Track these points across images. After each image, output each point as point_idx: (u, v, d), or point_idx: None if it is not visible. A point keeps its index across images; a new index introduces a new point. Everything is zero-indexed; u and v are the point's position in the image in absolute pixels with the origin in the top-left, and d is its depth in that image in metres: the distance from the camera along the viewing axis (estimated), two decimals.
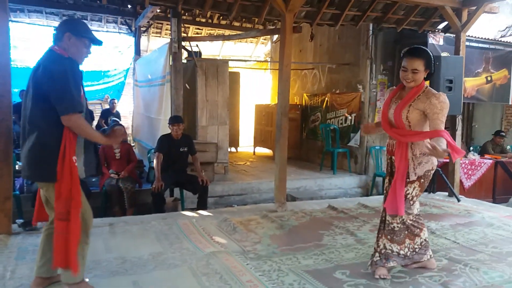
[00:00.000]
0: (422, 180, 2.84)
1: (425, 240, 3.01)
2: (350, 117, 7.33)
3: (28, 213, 4.61)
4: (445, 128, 7.30)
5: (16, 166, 5.21)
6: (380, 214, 3.06)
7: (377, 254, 2.95)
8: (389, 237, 2.92)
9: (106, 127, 7.99)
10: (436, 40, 6.53)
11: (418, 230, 2.97)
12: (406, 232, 2.93)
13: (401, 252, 2.93)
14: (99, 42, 2.64)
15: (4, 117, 3.64)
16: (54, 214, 2.41)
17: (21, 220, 3.91)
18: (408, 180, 2.81)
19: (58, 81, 2.34)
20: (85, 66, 10.47)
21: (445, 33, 6.57)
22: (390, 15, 6.23)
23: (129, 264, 3.07)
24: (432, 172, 2.88)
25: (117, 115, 9.21)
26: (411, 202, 2.87)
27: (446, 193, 5.79)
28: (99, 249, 3.38)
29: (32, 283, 2.60)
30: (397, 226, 2.90)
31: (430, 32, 6.50)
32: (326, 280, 2.84)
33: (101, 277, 2.85)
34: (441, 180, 5.71)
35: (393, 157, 2.94)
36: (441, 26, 6.59)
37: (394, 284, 2.81)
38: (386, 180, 3.04)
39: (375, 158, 6.88)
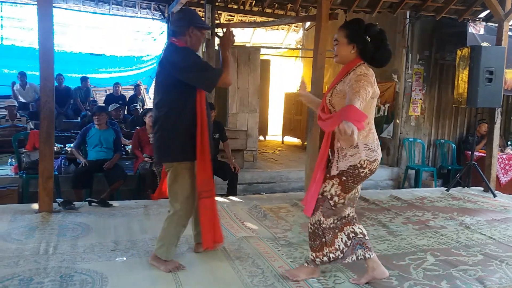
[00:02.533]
0: (344, 178, 2.37)
1: (348, 246, 2.52)
2: (383, 107, 7.20)
3: (66, 193, 4.81)
4: (482, 121, 7.07)
5: (55, 148, 5.42)
6: (411, 207, 2.95)
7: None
8: (309, 242, 2.57)
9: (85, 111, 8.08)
10: (476, 29, 6.31)
11: (332, 235, 2.48)
12: (323, 239, 2.47)
13: (317, 260, 2.53)
14: (209, 28, 2.81)
15: (47, 99, 3.77)
16: (198, 193, 2.64)
17: (61, 199, 4.06)
18: (328, 175, 2.44)
19: (190, 65, 2.51)
20: (119, 51, 10.75)
21: (486, 22, 6.33)
22: (430, 3, 6.03)
23: None
24: (363, 171, 2.37)
25: (123, 98, 9.29)
26: (331, 203, 2.42)
27: (482, 188, 5.64)
28: (135, 230, 3.49)
29: (195, 246, 3.01)
30: (311, 228, 2.51)
31: (470, 21, 6.27)
32: (357, 270, 2.83)
33: (137, 256, 2.94)
34: (476, 175, 5.56)
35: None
36: (482, 14, 6.34)
37: (428, 276, 2.78)
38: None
39: (408, 150, 6.76)
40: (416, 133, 7.02)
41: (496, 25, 5.70)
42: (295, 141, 9.53)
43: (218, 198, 4.75)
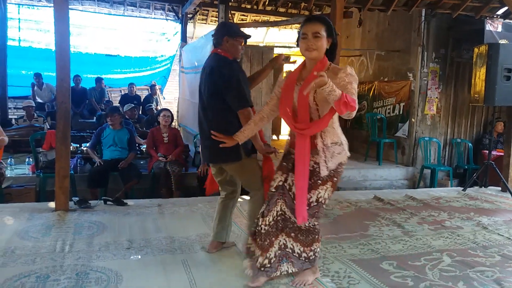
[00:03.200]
0: (336, 179, 2.37)
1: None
2: (398, 106, 7.12)
3: (81, 192, 4.87)
4: (498, 119, 6.93)
5: (71, 148, 5.49)
6: (426, 207, 2.91)
7: (266, 261, 2.43)
8: (293, 234, 2.47)
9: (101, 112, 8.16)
10: (494, 26, 6.19)
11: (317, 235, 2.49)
12: (316, 236, 2.48)
13: (303, 254, 2.49)
14: (248, 37, 2.97)
15: (63, 100, 3.82)
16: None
17: (77, 198, 4.12)
18: (320, 178, 2.33)
19: (231, 83, 2.72)
20: (134, 52, 10.87)
21: (504, 19, 6.21)
22: (446, 0, 5.95)
23: (178, 243, 3.17)
24: (343, 167, 2.40)
25: (138, 99, 9.37)
26: (324, 207, 2.42)
27: (499, 188, 5.54)
28: (150, 228, 3.52)
29: (209, 246, 3.04)
30: (305, 227, 2.45)
31: (487, 18, 6.16)
32: (372, 270, 2.81)
33: (151, 254, 2.96)
34: (493, 174, 5.46)
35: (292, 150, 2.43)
36: (500, 11, 6.22)
37: (444, 277, 2.74)
38: (281, 178, 2.46)
39: (424, 150, 6.67)
40: (432, 132, 6.92)
41: None
42: None
43: None
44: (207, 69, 2.84)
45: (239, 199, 4.62)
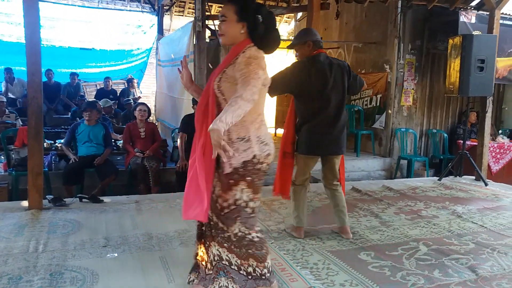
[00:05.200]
0: (249, 179, 2.08)
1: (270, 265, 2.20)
2: (375, 98, 7.19)
3: (56, 189, 4.76)
4: (472, 110, 7.08)
5: (44, 144, 5.36)
6: (403, 197, 2.91)
7: (208, 265, 2.26)
8: (226, 244, 2.16)
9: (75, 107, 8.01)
10: (468, 18, 6.28)
11: (263, 255, 2.15)
12: (249, 251, 2.13)
13: (242, 268, 2.14)
14: None
15: (35, 95, 3.71)
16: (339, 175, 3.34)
17: (51, 196, 4.02)
18: (229, 178, 2.08)
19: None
20: (109, 45, 10.64)
21: (478, 11, 6.31)
22: None
23: (156, 240, 3.14)
24: (260, 167, 2.11)
25: (114, 93, 9.24)
26: (248, 210, 2.11)
27: (473, 177, 5.66)
28: (127, 225, 3.46)
29: (300, 233, 3.27)
30: (233, 238, 2.13)
31: (462, 9, 6.25)
32: (350, 261, 2.84)
33: (129, 252, 2.92)
34: (468, 164, 5.58)
35: None
36: (474, 3, 6.31)
37: (420, 266, 2.78)
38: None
39: (400, 141, 6.76)
40: (408, 123, 7.02)
41: (488, 13, 5.69)
42: None
43: None
44: (340, 66, 3.20)
45: None
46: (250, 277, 2.14)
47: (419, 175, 6.67)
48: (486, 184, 5.32)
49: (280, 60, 12.12)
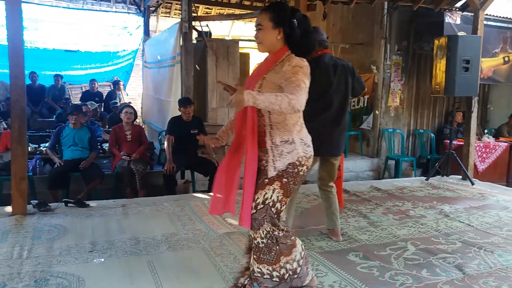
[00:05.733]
0: (285, 180, 2.12)
1: (302, 258, 2.30)
2: (362, 99, 7.22)
3: (41, 194, 4.67)
4: (458, 110, 7.18)
5: (29, 148, 5.26)
6: (391, 197, 2.93)
7: (243, 280, 2.33)
8: (255, 256, 2.22)
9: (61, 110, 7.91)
10: (453, 19, 6.35)
11: (291, 245, 2.23)
12: (277, 247, 2.18)
13: (274, 273, 2.20)
14: None
15: (18, 98, 3.64)
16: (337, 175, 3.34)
17: (36, 201, 3.94)
18: (265, 179, 2.13)
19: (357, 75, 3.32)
20: (94, 47, 10.52)
21: (462, 12, 6.38)
22: None
23: (143, 244, 3.09)
24: (302, 169, 2.16)
25: (99, 95, 9.14)
26: (273, 210, 2.14)
27: (460, 176, 5.72)
28: (113, 230, 3.41)
29: (332, 234, 3.29)
30: (262, 242, 2.17)
31: (447, 10, 6.32)
32: (339, 262, 2.83)
33: (115, 256, 2.87)
34: (454, 163, 5.64)
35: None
36: (458, 4, 6.38)
37: (408, 266, 2.79)
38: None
39: (388, 141, 6.81)
40: (396, 123, 7.07)
41: (472, 14, 5.76)
42: None
43: (199, 195, 4.71)
44: (344, 67, 3.17)
45: (206, 196, 4.61)
46: (283, 280, 2.21)
47: (406, 175, 6.72)
48: (472, 183, 5.37)
49: None
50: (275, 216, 2.16)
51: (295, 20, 2.14)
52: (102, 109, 8.45)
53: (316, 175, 3.44)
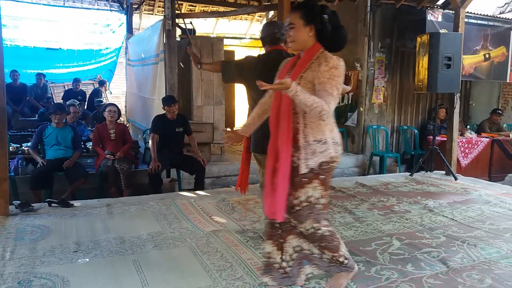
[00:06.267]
0: (322, 177, 2.21)
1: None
2: (347, 96, 7.27)
3: (23, 194, 4.59)
4: (441, 106, 7.29)
5: (10, 148, 5.16)
6: (376, 193, 2.93)
7: (284, 264, 2.33)
8: (315, 243, 2.31)
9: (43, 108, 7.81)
10: (434, 16, 6.44)
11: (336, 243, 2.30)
12: (334, 238, 2.31)
13: (340, 259, 2.31)
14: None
15: None
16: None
17: (18, 202, 3.87)
18: (303, 178, 2.20)
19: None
20: (77, 45, 10.35)
21: (444, 10, 6.48)
22: None
23: (129, 244, 3.06)
24: (333, 165, 2.24)
25: (82, 94, 9.04)
26: (318, 206, 2.23)
27: (443, 172, 5.81)
28: (98, 229, 3.37)
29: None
30: (307, 231, 2.28)
31: (428, 8, 6.40)
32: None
33: (100, 256, 2.84)
34: (438, 159, 5.72)
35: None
36: (440, 2, 6.48)
37: (394, 261, 2.82)
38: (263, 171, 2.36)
39: (372, 138, 6.87)
40: (380, 120, 7.14)
41: (453, 12, 5.84)
42: None
43: (185, 193, 4.69)
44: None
45: (192, 194, 4.59)
46: (332, 264, 2.29)
47: (391, 171, 6.79)
48: (455, 178, 5.46)
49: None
50: (322, 211, 2.26)
51: (325, 16, 2.18)
52: (86, 108, 8.33)
53: None
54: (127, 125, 7.95)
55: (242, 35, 12.29)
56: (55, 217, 3.67)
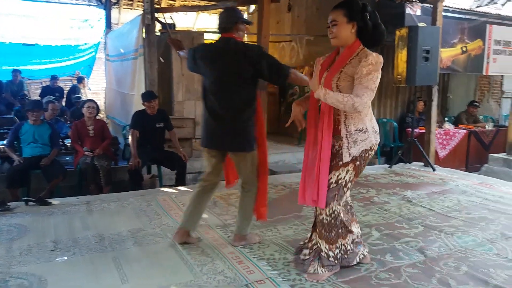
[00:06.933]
0: (358, 163, 2.37)
1: (357, 236, 2.58)
2: None
3: (0, 193, 4.49)
4: (419, 99, 7.36)
5: None
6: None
7: (307, 251, 2.56)
8: (318, 230, 2.47)
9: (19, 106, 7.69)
10: (413, 10, 6.51)
11: (349, 223, 2.50)
12: (338, 230, 2.44)
13: (330, 253, 2.44)
14: (250, 23, 3.06)
15: None
16: (264, 171, 2.91)
17: None
18: (340, 162, 2.35)
19: (269, 60, 2.75)
20: (54, 41, 10.15)
21: (422, 3, 6.55)
22: None
23: (108, 241, 3.03)
24: (371, 153, 2.41)
25: (60, 91, 8.92)
26: (345, 190, 2.40)
27: (422, 163, 5.90)
28: (77, 227, 3.32)
29: (176, 235, 2.97)
30: (326, 219, 2.41)
31: (407, 2, 6.47)
32: None
33: (79, 254, 2.80)
34: (417, 151, 5.81)
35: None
36: None
37: (373, 251, 2.86)
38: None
39: None
40: None
41: (431, 6, 5.92)
42: None
43: (166, 189, 4.65)
44: (237, 53, 2.72)
45: (173, 190, 4.56)
46: (336, 261, 2.45)
47: (371, 163, 6.84)
48: (434, 170, 5.56)
49: None
50: (345, 194, 2.42)
51: (367, 14, 2.30)
52: (64, 104, 8.18)
53: (287, 166, 3.44)
54: (107, 122, 7.83)
55: None
56: (33, 215, 3.60)
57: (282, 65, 2.79)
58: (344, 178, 2.36)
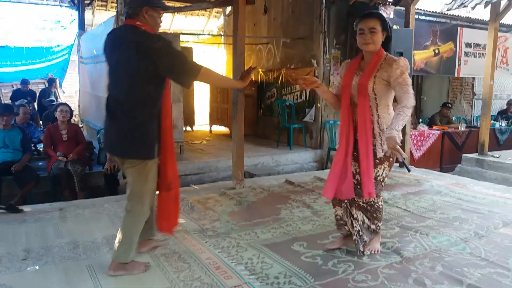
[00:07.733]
0: (392, 159, 2.71)
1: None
2: (305, 92, 7.36)
3: None
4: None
5: None
6: None
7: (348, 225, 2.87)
8: (369, 214, 2.81)
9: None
10: (386, 13, 6.63)
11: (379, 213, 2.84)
12: (376, 215, 2.82)
13: (379, 226, 2.87)
14: (166, 7, 2.64)
15: None
16: (167, 185, 2.57)
17: None
18: (377, 158, 2.65)
19: (173, 56, 2.37)
20: (25, 42, 9.89)
21: (395, 6, 6.67)
22: None
23: (82, 248, 2.96)
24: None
25: (32, 94, 8.75)
26: (383, 184, 2.75)
27: (397, 164, 5.99)
28: (50, 235, 3.23)
29: (140, 247, 2.78)
30: (381, 204, 2.82)
31: (381, 4, 6.58)
32: (284, 253, 2.87)
33: (52, 263, 2.72)
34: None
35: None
36: None
37: (350, 253, 2.88)
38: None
39: (329, 132, 6.99)
40: (336, 115, 7.25)
41: (404, 8, 6.04)
42: (223, 129, 9.46)
43: None
44: (131, 44, 2.33)
45: None
46: (373, 232, 2.86)
47: None
48: (409, 171, 5.48)
49: (213, 54, 12.07)
50: (383, 187, 2.77)
51: (391, 26, 2.67)
52: (36, 108, 7.97)
53: (265, 168, 3.41)
54: (81, 126, 7.68)
55: (200, 32, 12.17)
56: (2, 223, 3.48)
57: (190, 63, 2.45)
58: (382, 175, 2.71)
